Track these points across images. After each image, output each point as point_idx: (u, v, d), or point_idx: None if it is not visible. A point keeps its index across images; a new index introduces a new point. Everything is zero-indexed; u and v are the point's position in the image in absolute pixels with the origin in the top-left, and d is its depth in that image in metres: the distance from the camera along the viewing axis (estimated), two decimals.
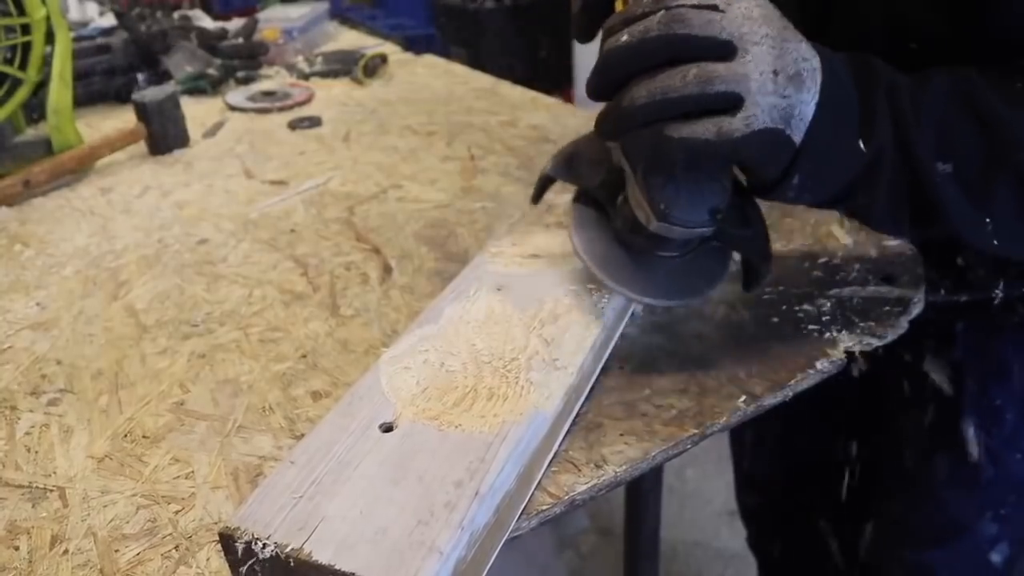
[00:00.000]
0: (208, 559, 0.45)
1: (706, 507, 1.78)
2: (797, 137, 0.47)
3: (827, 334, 0.60)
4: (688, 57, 0.45)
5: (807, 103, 0.46)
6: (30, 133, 1.08)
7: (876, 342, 0.59)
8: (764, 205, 0.56)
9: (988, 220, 0.50)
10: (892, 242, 0.70)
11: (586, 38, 0.54)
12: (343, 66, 1.40)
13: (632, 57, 0.46)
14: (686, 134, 0.45)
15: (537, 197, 0.62)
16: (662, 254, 0.55)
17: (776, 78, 0.45)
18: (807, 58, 0.46)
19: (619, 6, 0.53)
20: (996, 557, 0.70)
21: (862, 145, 0.48)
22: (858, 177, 0.49)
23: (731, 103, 0.45)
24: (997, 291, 0.66)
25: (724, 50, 0.45)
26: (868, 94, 0.49)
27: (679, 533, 1.72)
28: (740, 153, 0.46)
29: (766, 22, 0.45)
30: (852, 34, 0.61)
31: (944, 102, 0.49)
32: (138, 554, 0.45)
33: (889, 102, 0.49)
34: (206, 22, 1.60)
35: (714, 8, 0.46)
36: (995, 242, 0.51)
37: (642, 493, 1.15)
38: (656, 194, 0.50)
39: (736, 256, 0.58)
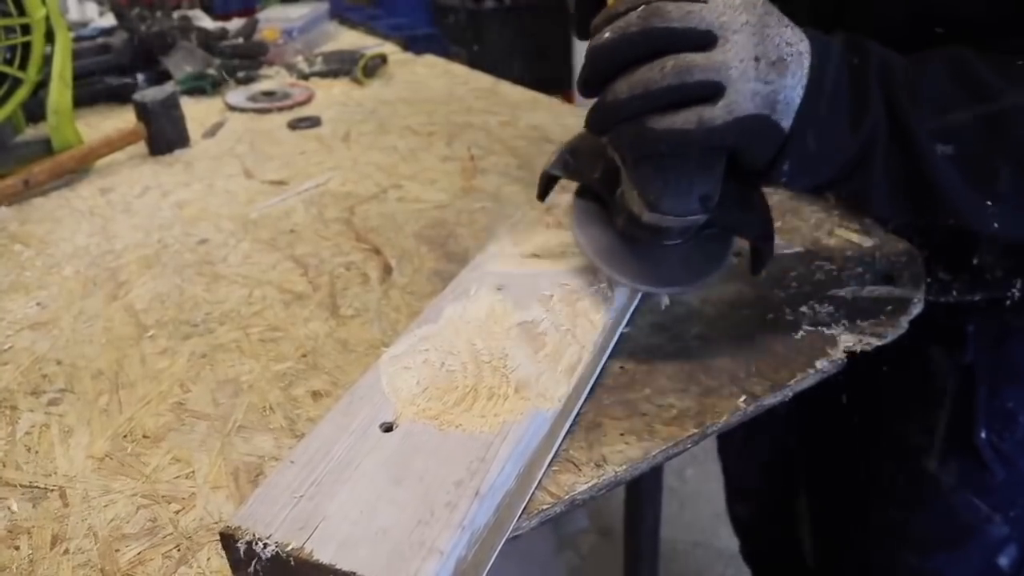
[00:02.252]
0: (209, 559, 0.45)
1: (706, 507, 1.78)
2: (785, 123, 0.47)
3: (827, 334, 0.60)
4: (668, 49, 0.45)
5: (792, 88, 0.46)
6: (30, 133, 1.08)
7: (876, 342, 0.59)
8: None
9: (989, 203, 0.50)
10: (893, 242, 0.70)
11: (584, 35, 0.54)
12: (343, 66, 1.40)
13: (613, 53, 0.47)
14: (666, 125, 0.46)
15: (543, 195, 0.62)
16: (662, 243, 0.55)
17: (758, 64, 0.45)
18: (791, 43, 0.47)
19: (612, 3, 0.53)
20: (1004, 560, 0.70)
21: (853, 128, 0.48)
22: (852, 160, 0.49)
23: (712, 92, 0.45)
24: (1014, 290, 0.66)
25: (703, 40, 0.45)
26: (859, 76, 0.48)
27: (679, 533, 1.72)
28: (724, 140, 0.47)
29: (746, 9, 0.46)
30: (871, 16, 0.61)
31: (942, 81, 0.49)
32: (139, 554, 0.45)
33: (881, 83, 0.48)
34: (206, 22, 1.60)
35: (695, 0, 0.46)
36: (995, 225, 0.51)
37: (642, 493, 1.15)
38: (645, 186, 0.51)
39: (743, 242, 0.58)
